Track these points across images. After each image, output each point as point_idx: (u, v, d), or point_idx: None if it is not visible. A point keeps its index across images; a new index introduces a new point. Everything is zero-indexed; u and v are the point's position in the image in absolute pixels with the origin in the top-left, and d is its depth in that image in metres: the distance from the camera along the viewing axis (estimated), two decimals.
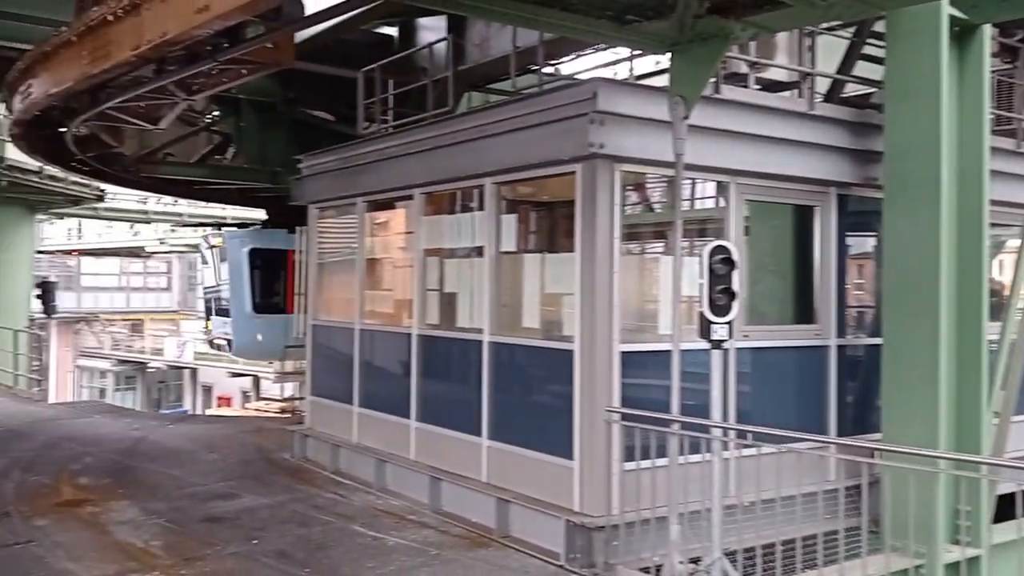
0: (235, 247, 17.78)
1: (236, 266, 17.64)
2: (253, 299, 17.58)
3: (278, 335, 17.20)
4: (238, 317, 17.77)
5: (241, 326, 17.83)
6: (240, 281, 17.58)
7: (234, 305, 17.79)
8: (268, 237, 17.86)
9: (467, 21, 11.97)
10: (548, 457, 7.43)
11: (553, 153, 7.30)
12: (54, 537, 7.77)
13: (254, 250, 17.61)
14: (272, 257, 17.46)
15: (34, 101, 9.02)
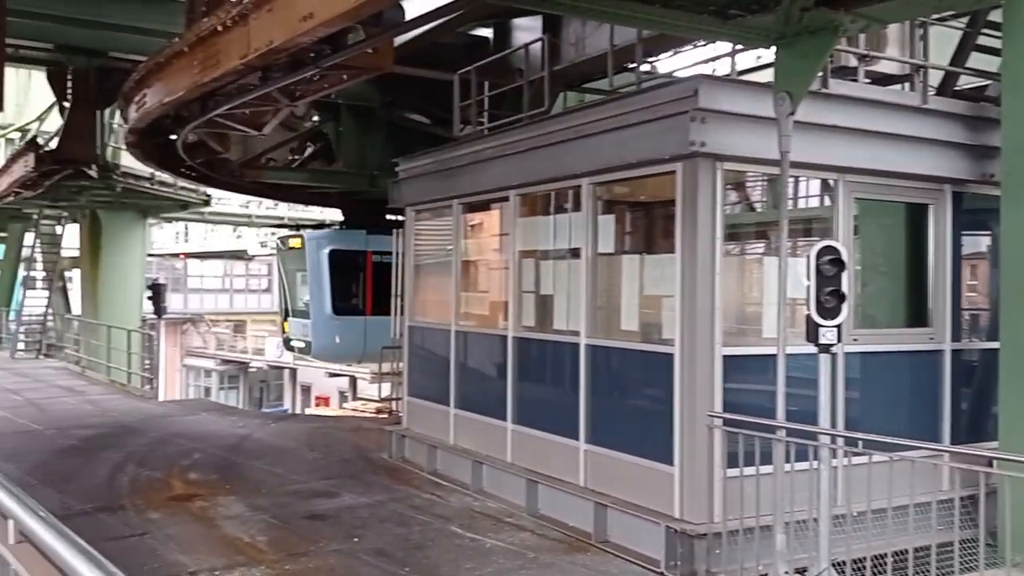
0: (314, 248, 17.60)
1: (316, 267, 17.48)
2: (333, 301, 17.38)
3: (357, 337, 17.35)
4: (318, 319, 17.56)
5: (321, 328, 17.64)
6: (320, 283, 17.41)
7: (314, 307, 17.57)
8: (347, 238, 17.89)
9: (563, 20, 11.92)
10: (647, 462, 7.30)
11: (652, 152, 7.18)
12: (166, 530, 8.06)
13: (334, 251, 17.50)
14: (351, 258, 17.53)
15: (148, 110, 9.43)
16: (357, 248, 17.53)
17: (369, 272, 17.59)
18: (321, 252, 17.42)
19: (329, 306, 17.34)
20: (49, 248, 26.81)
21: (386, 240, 17.24)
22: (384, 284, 17.46)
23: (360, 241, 17.68)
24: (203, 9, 9.31)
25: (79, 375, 21.22)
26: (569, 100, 13.09)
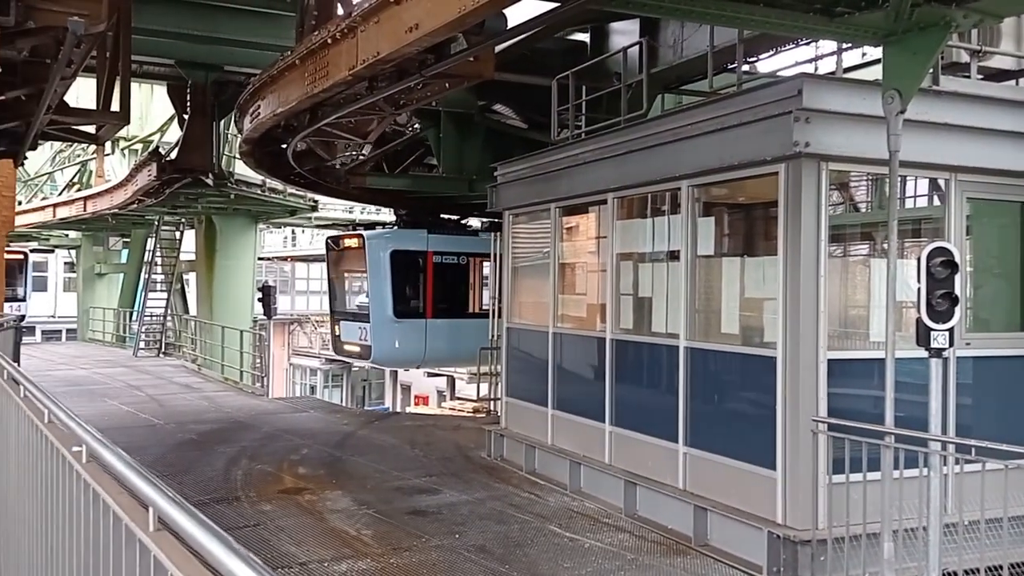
0: (375, 249, 16.88)
1: (376, 268, 16.76)
2: (394, 303, 16.72)
3: (418, 341, 16.87)
4: (378, 322, 16.73)
5: (381, 332, 16.83)
6: (380, 284, 16.71)
7: (374, 309, 16.79)
8: (409, 238, 17.32)
9: (660, 23, 11.87)
10: (749, 466, 7.23)
11: (754, 153, 7.11)
12: (278, 522, 8.43)
13: (396, 252, 16.89)
14: (412, 259, 17.02)
15: (262, 121, 9.88)
16: (418, 248, 17.10)
17: (430, 273, 17.13)
18: (382, 252, 16.78)
19: (391, 309, 16.70)
20: (168, 252, 28.20)
21: (447, 240, 17.52)
22: (445, 286, 17.46)
23: (421, 241, 17.22)
24: (312, 23, 9.71)
25: (195, 372, 22.25)
26: (667, 102, 13.03)
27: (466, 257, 17.86)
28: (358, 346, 17.38)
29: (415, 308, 16.98)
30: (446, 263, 17.22)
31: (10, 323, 10.77)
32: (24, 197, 34.14)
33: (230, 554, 1.83)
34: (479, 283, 18.20)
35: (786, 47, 11.19)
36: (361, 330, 17.14)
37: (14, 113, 9.94)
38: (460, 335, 17.28)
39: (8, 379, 5.01)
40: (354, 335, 17.55)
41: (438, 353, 17.99)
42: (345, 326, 18.10)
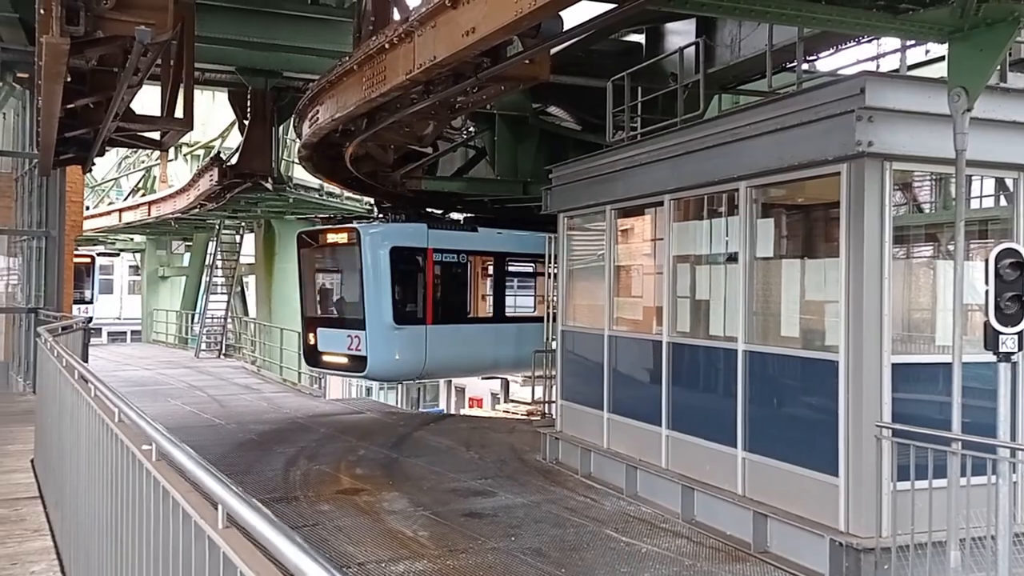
0: (373, 245, 14.61)
1: (374, 268, 14.53)
2: (395, 308, 14.53)
3: (418, 351, 14.80)
4: (375, 330, 14.39)
5: (379, 341, 14.48)
6: (378, 286, 14.44)
7: (370, 315, 14.40)
8: (409, 233, 15.16)
9: (717, 22, 11.76)
10: (810, 472, 7.10)
11: (815, 153, 6.99)
12: (336, 522, 8.53)
13: (396, 249, 14.74)
14: (413, 258, 14.97)
15: (320, 126, 10.03)
16: (419, 245, 15.04)
17: (430, 274, 15.09)
18: (380, 250, 14.57)
19: (390, 314, 14.44)
20: (229, 255, 28.79)
21: (449, 236, 15.78)
22: (447, 288, 15.52)
23: (421, 237, 15.19)
24: (370, 29, 9.82)
25: (255, 374, 22.67)
26: (724, 102, 12.89)
27: (468, 256, 16.06)
28: (345, 357, 14.88)
29: (416, 314, 14.95)
30: (447, 262, 15.39)
31: (79, 325, 11.10)
32: (91, 202, 35.17)
33: (299, 551, 1.86)
34: (484, 284, 16.50)
35: (847, 45, 10.97)
36: (351, 339, 14.65)
37: (83, 121, 10.25)
38: (466, 343, 15.87)
39: (79, 379, 5.16)
40: (339, 345, 14.98)
41: (440, 364, 15.92)
42: (326, 335, 15.47)
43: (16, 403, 12.65)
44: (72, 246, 15.42)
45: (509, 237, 16.58)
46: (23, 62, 13.24)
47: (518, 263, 17.00)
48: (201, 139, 29.61)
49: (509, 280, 16.94)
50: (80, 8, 6.46)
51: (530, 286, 17.49)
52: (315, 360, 15.91)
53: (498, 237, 16.41)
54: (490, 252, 16.19)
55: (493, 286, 16.52)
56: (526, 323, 16.75)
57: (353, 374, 15.99)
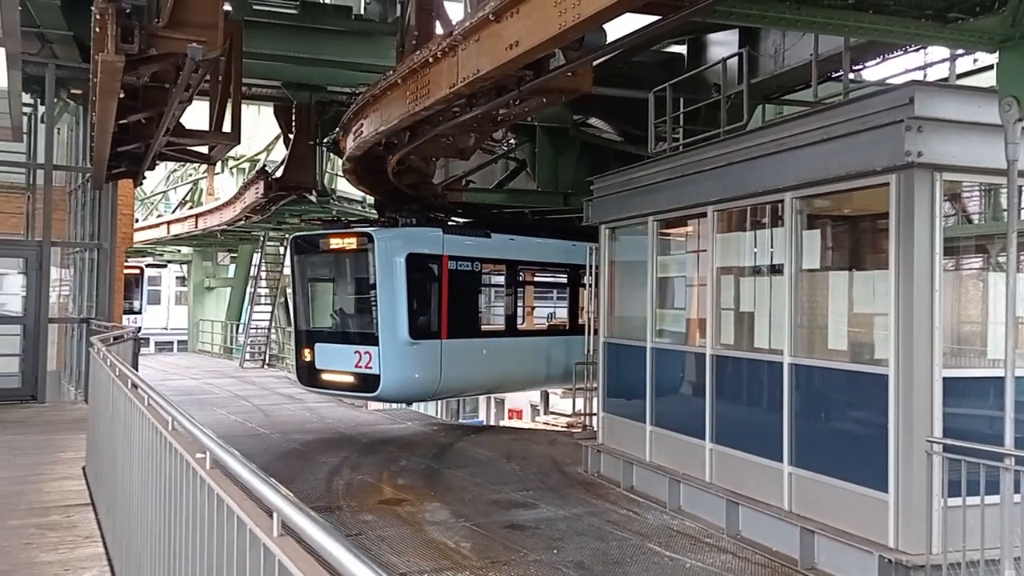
0: (387, 251, 13.37)
1: (388, 276, 13.28)
2: (411, 321, 13.30)
3: (433, 368, 13.58)
4: (390, 346, 13.15)
5: (394, 357, 13.23)
6: (394, 297, 13.22)
7: (384, 329, 13.17)
8: (425, 239, 13.95)
9: (761, 32, 11.70)
10: (859, 488, 6.99)
11: (863, 164, 6.90)
12: (378, 531, 8.58)
13: (412, 256, 13.49)
14: (428, 265, 13.78)
15: (364, 139, 10.15)
16: (434, 252, 13.81)
17: (445, 284, 13.86)
18: (396, 257, 13.34)
19: (406, 328, 13.21)
20: (273, 267, 29.17)
21: (463, 243, 14.58)
22: (462, 299, 14.24)
23: (436, 243, 13.95)
24: (413, 43, 9.93)
25: (298, 384, 22.88)
26: (767, 113, 12.79)
27: (484, 264, 14.87)
28: (352, 376, 13.61)
29: (431, 327, 13.69)
30: (462, 270, 14.13)
31: (130, 335, 11.33)
32: (141, 215, 35.91)
33: (354, 559, 1.88)
34: (503, 295, 15.37)
35: (894, 54, 10.86)
36: (360, 355, 13.37)
37: (135, 135, 10.49)
38: (483, 360, 14.70)
39: (132, 388, 5.27)
40: (344, 362, 13.65)
41: (455, 383, 14.58)
42: (327, 351, 14.10)
43: (68, 411, 12.92)
44: (123, 258, 15.75)
45: (527, 244, 15.72)
46: (77, 79, 13.61)
47: (540, 272, 16.19)
48: (247, 153, 30.08)
49: (528, 290, 16.04)
50: (134, 26, 6.63)
51: (550, 296, 16.67)
52: (312, 379, 14.43)
53: (513, 244, 15.42)
54: (508, 260, 15.21)
55: (512, 297, 15.51)
56: (550, 337, 15.98)
57: (360, 394, 14.72)
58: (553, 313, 16.65)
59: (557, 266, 16.10)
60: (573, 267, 15.99)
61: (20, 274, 14.11)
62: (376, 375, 13.16)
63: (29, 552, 6.04)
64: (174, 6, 6.82)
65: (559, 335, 16.08)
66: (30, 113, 14.56)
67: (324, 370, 14.08)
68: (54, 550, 6.11)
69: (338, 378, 13.95)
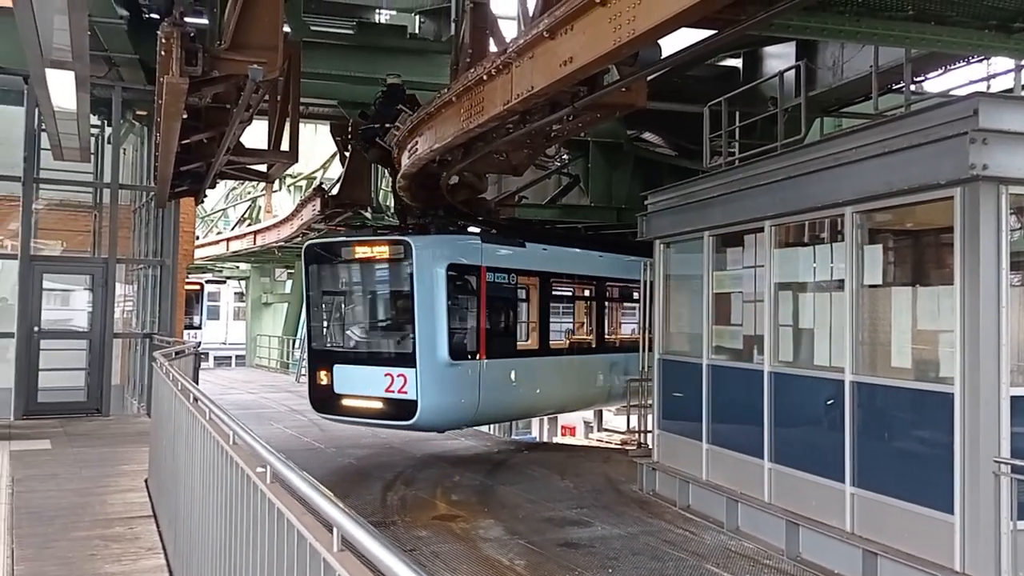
0: (428, 261, 11.97)
1: (428, 289, 11.87)
2: (451, 339, 11.97)
3: (471, 392, 12.28)
4: (429, 367, 11.76)
5: (433, 380, 11.84)
6: (434, 312, 11.82)
7: (423, 348, 11.75)
8: (464, 247, 12.71)
9: (819, 44, 11.56)
10: (923, 509, 6.79)
11: (926, 177, 6.75)
12: (432, 547, 8.59)
13: (453, 267, 12.18)
14: (468, 277, 12.42)
15: (419, 157, 10.26)
16: (473, 263, 12.48)
17: (483, 298, 12.48)
18: (436, 267, 11.95)
19: (446, 347, 11.86)
20: None
21: (502, 253, 13.23)
22: (501, 315, 13.02)
23: (475, 253, 12.60)
24: (467, 61, 10.01)
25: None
26: (826, 126, 12.61)
27: (521, 276, 13.51)
28: (380, 402, 12.09)
29: (470, 346, 12.35)
30: (499, 283, 12.82)
31: (191, 350, 11.58)
32: (201, 232, 36.76)
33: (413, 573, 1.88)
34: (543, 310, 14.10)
35: (956, 65, 10.64)
36: (392, 378, 11.86)
37: (197, 155, 10.77)
38: (523, 381, 13.40)
39: (194, 402, 5.38)
40: (371, 385, 12.12)
41: (493, 409, 13.27)
42: (349, 373, 12.57)
43: (131, 424, 13.24)
44: (184, 274, 16.12)
45: (564, 255, 14.85)
46: (142, 100, 14.03)
47: (580, 284, 15.28)
48: (304, 170, 30.62)
49: (567, 305, 15.04)
50: (198, 49, 6.82)
51: (590, 312, 15.60)
52: (330, 405, 12.79)
53: (545, 254, 14.27)
54: (548, 272, 14.15)
55: (548, 312, 14.34)
56: (597, 355, 15.29)
57: (392, 423, 12.61)
58: (597, 329, 15.81)
59: (598, 279, 15.69)
60: (615, 280, 15.78)
61: (86, 290, 14.54)
62: (412, 401, 11.71)
63: (94, 563, 6.19)
64: (236, 29, 7.00)
65: (606, 353, 15.73)
66: (97, 134, 15.00)
67: (345, 395, 12.51)
68: (117, 561, 6.25)
69: (363, 404, 12.35)
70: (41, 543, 6.63)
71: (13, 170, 13.64)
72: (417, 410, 11.71)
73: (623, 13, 5.51)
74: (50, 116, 11.23)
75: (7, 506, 7.73)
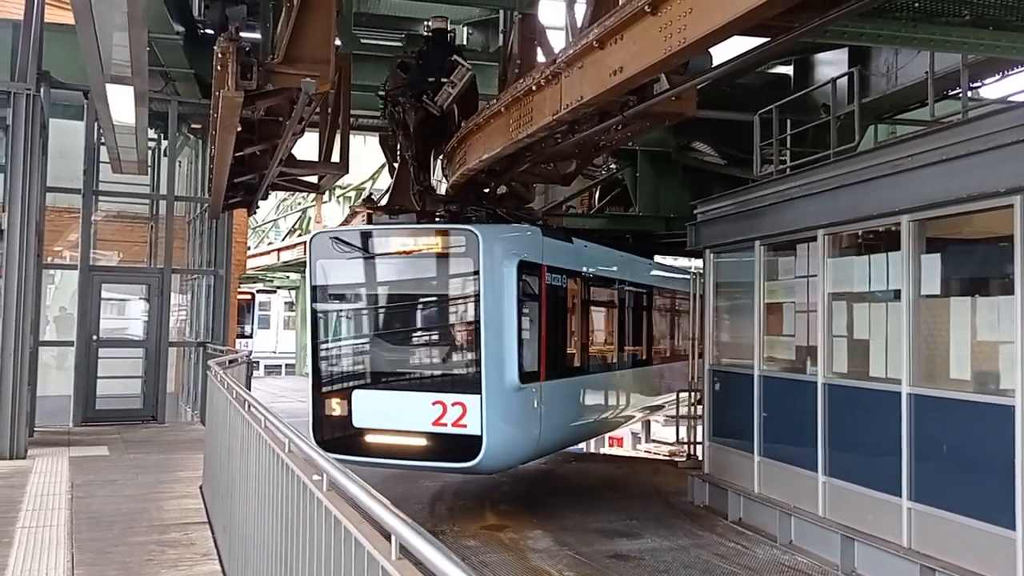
0: (497, 257, 9.50)
1: (496, 293, 9.37)
2: (520, 356, 9.40)
3: (533, 421, 9.74)
4: (496, 393, 9.20)
5: (501, 409, 9.26)
6: (501, 322, 9.32)
7: (490, 368, 9.19)
8: (529, 242, 10.29)
9: (872, 51, 11.38)
10: (984, 525, 6.61)
11: (985, 185, 6.60)
12: (481, 557, 8.60)
13: (523, 265, 9.64)
14: (532, 277, 9.89)
15: (468, 167, 10.32)
16: (535, 260, 10.00)
17: (544, 304, 10.00)
18: (506, 266, 9.47)
19: (515, 367, 9.31)
20: None
21: (560, 250, 10.99)
22: (560, 325, 10.63)
23: (536, 248, 10.18)
24: (515, 72, 10.04)
25: None
26: (879, 133, 12.40)
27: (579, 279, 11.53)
28: (426, 438, 9.41)
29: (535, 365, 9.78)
30: (556, 285, 10.51)
31: (244, 359, 11.76)
32: (252, 243, 37.37)
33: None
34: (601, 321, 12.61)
35: (1014, 70, 10.40)
36: (444, 408, 9.28)
37: (250, 167, 10.95)
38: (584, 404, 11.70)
39: (249, 410, 5.46)
40: (411, 418, 9.49)
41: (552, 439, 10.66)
42: (376, 402, 9.82)
43: (185, 432, 13.48)
44: (236, 284, 16.40)
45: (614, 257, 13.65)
46: (197, 114, 14.34)
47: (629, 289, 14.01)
48: (353, 181, 30.96)
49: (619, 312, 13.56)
50: (253, 63, 6.94)
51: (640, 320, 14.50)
52: (346, 443, 9.65)
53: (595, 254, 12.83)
54: (606, 275, 12.79)
55: (608, 320, 13.01)
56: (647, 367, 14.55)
57: (441, 465, 9.91)
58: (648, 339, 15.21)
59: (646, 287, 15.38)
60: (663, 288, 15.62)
61: (142, 300, 14.86)
62: (476, 436, 9.11)
63: (151, 568, 6.31)
64: (289, 43, 7.11)
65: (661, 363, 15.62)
66: (154, 147, 15.37)
67: (369, 430, 9.69)
68: (174, 567, 6.35)
69: (397, 441, 9.58)
70: (100, 548, 6.77)
71: (73, 183, 14.01)
72: (481, 448, 9.09)
73: (674, 22, 5.48)
74: (109, 130, 11.54)
75: (67, 511, 7.92)
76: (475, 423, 9.12)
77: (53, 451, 11.10)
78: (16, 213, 10.73)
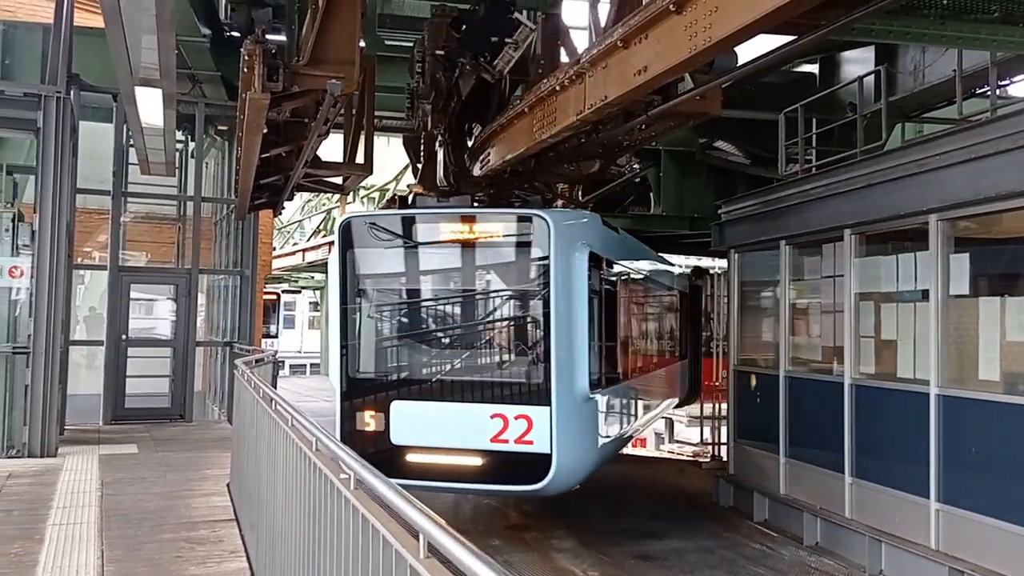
0: (569, 245, 8.27)
1: (567, 288, 8.19)
2: (591, 363, 8.25)
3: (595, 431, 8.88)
4: (566, 403, 8.01)
5: (571, 422, 8.11)
6: (571, 322, 8.14)
7: (559, 376, 8.00)
8: (594, 230, 9.23)
9: (899, 48, 11.27)
10: (1014, 527, 6.54)
11: (1015, 184, 6.53)
12: (506, 557, 8.61)
13: (593, 258, 8.49)
14: (597, 271, 8.75)
15: (491, 167, 10.34)
16: (599, 252, 8.86)
17: (603, 301, 8.94)
18: (576, 258, 8.27)
19: (586, 373, 8.15)
20: None
21: (616, 242, 10.12)
22: (615, 324, 9.66)
23: (596, 236, 9.03)
24: (539, 72, 10.04)
25: None
26: (906, 132, 12.28)
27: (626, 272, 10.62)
28: (482, 457, 8.21)
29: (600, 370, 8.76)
30: (613, 280, 9.70)
31: (269, 358, 11.85)
32: (278, 243, 37.63)
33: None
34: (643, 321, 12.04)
35: None
36: (506, 422, 8.04)
37: (276, 168, 11.03)
38: (630, 411, 10.93)
39: (276, 409, 5.50)
40: (465, 434, 8.27)
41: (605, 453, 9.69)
42: (419, 414, 8.49)
43: (213, 430, 13.60)
44: (262, 284, 16.52)
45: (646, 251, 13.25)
46: (223, 116, 14.46)
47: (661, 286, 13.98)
48: (377, 182, 31.07)
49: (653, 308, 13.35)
50: (279, 65, 6.99)
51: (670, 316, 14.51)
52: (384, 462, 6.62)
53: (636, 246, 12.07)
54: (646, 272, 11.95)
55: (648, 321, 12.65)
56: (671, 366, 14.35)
57: (502, 487, 8.64)
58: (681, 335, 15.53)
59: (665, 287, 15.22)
60: None
61: (169, 300, 15.01)
62: (544, 455, 7.90)
63: (180, 565, 6.37)
64: (315, 45, 7.16)
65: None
66: (181, 149, 15.53)
67: (412, 447, 8.39)
68: (202, 564, 6.42)
69: (446, 461, 8.30)
70: (130, 545, 6.86)
71: (103, 184, 14.18)
72: (550, 469, 7.89)
73: (699, 21, 5.46)
74: (138, 132, 11.66)
75: (97, 508, 8.02)
76: (543, 439, 7.90)
77: (83, 449, 11.25)
78: (47, 214, 10.87)
